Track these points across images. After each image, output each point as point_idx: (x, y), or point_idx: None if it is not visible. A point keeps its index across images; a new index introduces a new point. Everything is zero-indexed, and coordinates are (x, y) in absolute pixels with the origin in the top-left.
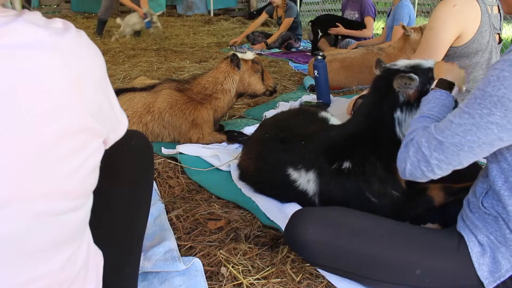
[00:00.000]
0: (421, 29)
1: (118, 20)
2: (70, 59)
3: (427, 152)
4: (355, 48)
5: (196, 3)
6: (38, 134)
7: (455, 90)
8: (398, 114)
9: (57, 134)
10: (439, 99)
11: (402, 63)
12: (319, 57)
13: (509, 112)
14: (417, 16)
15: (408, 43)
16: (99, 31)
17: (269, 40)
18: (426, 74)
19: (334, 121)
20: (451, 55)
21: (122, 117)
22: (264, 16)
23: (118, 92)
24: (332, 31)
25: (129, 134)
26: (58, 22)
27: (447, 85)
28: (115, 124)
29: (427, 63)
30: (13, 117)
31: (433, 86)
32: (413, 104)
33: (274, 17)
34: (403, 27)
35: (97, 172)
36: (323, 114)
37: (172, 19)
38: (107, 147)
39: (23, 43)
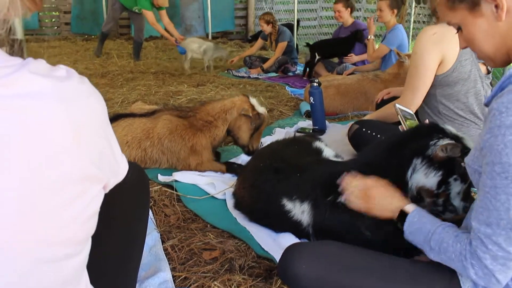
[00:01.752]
0: None
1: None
2: (71, 107)
3: (504, 253)
4: (352, 73)
5: (194, 26)
6: (38, 181)
7: (410, 209)
8: (418, 161)
9: (57, 181)
10: (418, 220)
11: (451, 129)
12: (315, 84)
13: None
14: (412, 39)
15: (403, 69)
16: (99, 49)
17: (265, 65)
18: (463, 150)
19: (328, 151)
20: (433, 84)
21: (122, 161)
22: (260, 42)
23: (118, 117)
24: (347, 59)
25: None
26: (62, 70)
27: (403, 214)
28: (115, 168)
29: (470, 143)
30: (14, 164)
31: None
32: (433, 164)
33: (268, 44)
34: (398, 54)
35: (96, 217)
36: (317, 144)
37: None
38: (107, 191)
39: (25, 93)
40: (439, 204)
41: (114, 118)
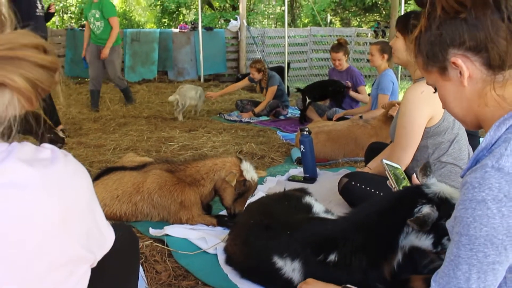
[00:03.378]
0: None
1: (172, 98)
2: (58, 194)
3: None
4: (342, 116)
5: (187, 69)
6: (28, 269)
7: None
8: (409, 228)
9: (47, 267)
10: None
11: (436, 188)
12: (305, 132)
13: (501, 247)
14: (401, 79)
15: (393, 116)
16: (95, 104)
17: (257, 110)
18: (449, 210)
19: (318, 206)
20: (424, 135)
21: (108, 232)
22: (245, 82)
23: (109, 170)
24: (338, 116)
25: (115, 228)
26: (46, 151)
27: None
28: (101, 243)
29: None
30: (4, 254)
31: None
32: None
33: (258, 89)
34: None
35: None
36: (307, 199)
37: (163, 85)
38: (94, 265)
39: (12, 183)
40: (443, 258)
41: (105, 172)
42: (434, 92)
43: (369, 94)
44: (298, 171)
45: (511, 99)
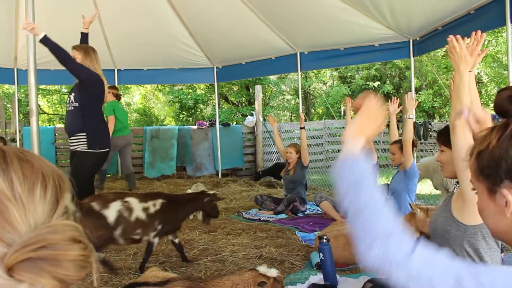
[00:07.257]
0: (427, 210)
1: (189, 191)
2: None
3: None
4: None
5: (205, 164)
6: None
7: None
8: None
9: None
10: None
11: None
12: (324, 240)
13: None
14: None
15: (414, 220)
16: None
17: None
18: None
19: None
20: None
21: None
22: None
23: (132, 286)
24: None
25: None
26: None
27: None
28: None
29: None
30: None
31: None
32: None
33: (283, 172)
34: (410, 205)
35: None
36: None
37: (182, 181)
38: None
39: None
40: None
41: (128, 287)
42: (472, 189)
43: None
44: (318, 278)
45: None
